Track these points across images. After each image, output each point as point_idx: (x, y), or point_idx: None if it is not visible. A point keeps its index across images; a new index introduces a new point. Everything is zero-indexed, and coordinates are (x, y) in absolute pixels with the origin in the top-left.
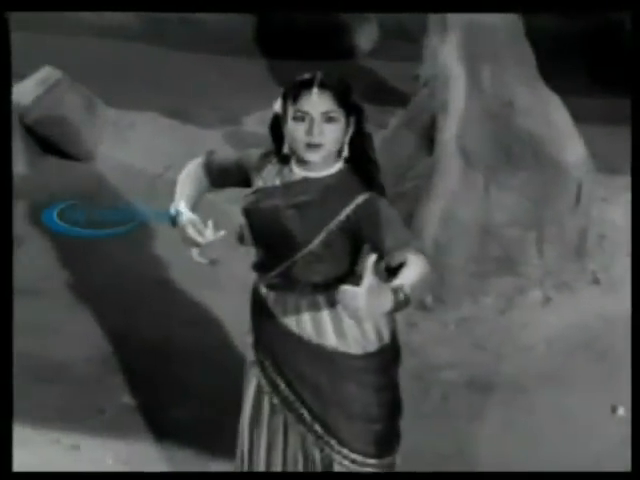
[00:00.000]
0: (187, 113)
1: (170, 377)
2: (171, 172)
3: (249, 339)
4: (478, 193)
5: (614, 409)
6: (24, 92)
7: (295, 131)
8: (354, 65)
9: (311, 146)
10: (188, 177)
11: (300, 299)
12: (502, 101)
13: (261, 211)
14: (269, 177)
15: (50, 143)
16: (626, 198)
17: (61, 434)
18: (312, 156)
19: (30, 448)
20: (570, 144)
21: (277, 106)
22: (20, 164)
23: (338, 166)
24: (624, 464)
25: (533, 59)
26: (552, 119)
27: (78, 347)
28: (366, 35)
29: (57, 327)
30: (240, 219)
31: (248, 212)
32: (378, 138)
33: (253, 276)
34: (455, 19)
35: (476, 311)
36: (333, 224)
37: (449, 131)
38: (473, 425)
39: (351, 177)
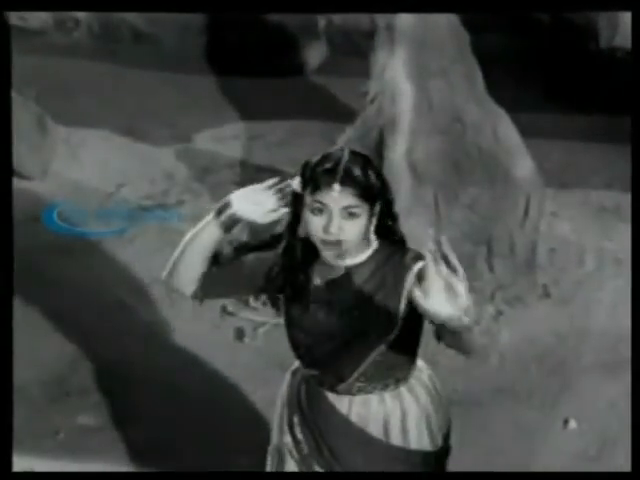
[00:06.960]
0: (138, 130)
1: (126, 398)
2: (123, 190)
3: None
4: (428, 209)
5: (566, 422)
6: None
7: (311, 224)
8: (303, 82)
9: (327, 243)
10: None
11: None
12: (450, 117)
13: (318, 322)
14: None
15: None
16: (575, 212)
17: (15, 456)
18: (329, 253)
19: None
20: (519, 159)
21: (296, 184)
22: None
23: (373, 246)
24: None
25: (480, 75)
26: (500, 134)
27: (32, 368)
28: (314, 51)
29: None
30: None
31: (307, 330)
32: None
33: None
34: (402, 35)
35: (428, 325)
36: (402, 304)
37: (398, 147)
38: None
39: (389, 248)
